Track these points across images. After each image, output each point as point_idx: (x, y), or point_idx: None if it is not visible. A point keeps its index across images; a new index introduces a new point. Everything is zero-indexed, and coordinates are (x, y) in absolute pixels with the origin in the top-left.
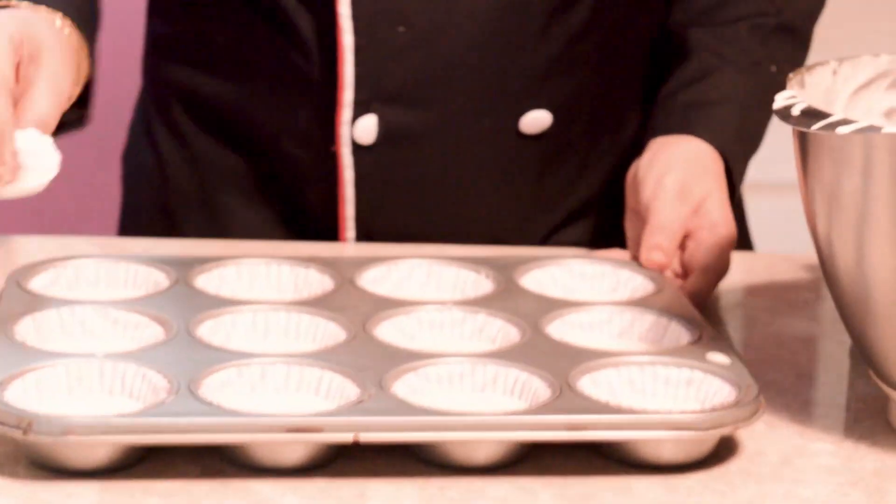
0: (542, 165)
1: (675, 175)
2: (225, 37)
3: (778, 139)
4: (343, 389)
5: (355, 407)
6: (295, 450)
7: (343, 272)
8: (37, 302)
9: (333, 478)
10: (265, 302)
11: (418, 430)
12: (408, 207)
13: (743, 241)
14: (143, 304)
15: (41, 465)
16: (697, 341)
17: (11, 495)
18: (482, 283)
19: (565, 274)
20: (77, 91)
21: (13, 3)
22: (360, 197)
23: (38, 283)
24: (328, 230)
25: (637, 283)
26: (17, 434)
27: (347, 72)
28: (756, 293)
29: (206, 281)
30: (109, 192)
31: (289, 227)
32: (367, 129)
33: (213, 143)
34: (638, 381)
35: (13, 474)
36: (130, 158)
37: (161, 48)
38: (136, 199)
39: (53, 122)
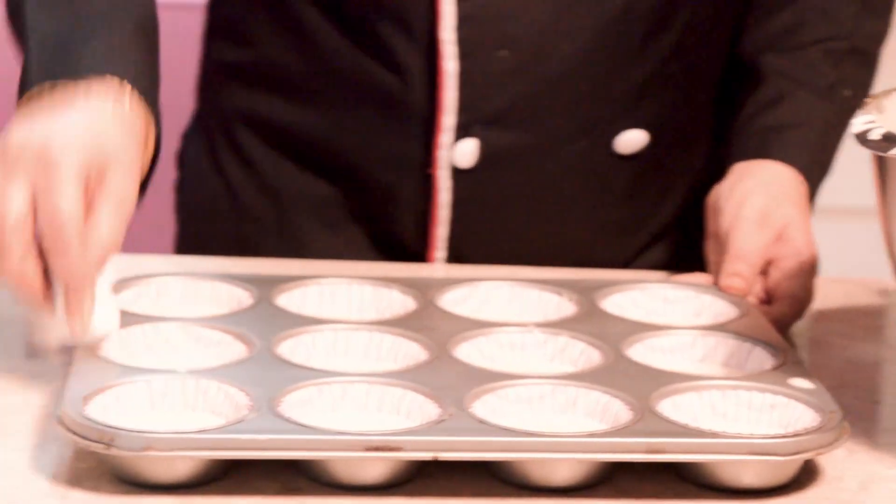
0: (632, 186)
1: (755, 201)
2: (309, 62)
3: (847, 163)
4: (423, 409)
5: (435, 426)
6: (374, 467)
7: (425, 293)
8: (121, 318)
9: (411, 497)
10: (346, 321)
11: (497, 450)
12: (500, 227)
13: None
14: (226, 322)
15: (122, 479)
16: (780, 366)
17: (94, 501)
18: (564, 306)
19: (647, 298)
20: (145, 169)
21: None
22: (454, 218)
23: (120, 301)
24: (417, 253)
25: (720, 308)
26: (100, 448)
27: (449, 97)
28: (830, 318)
29: (288, 300)
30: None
31: (375, 250)
32: (467, 152)
33: (293, 170)
34: (720, 406)
35: (95, 488)
36: (189, 188)
37: (228, 74)
38: (201, 230)
39: (117, 245)
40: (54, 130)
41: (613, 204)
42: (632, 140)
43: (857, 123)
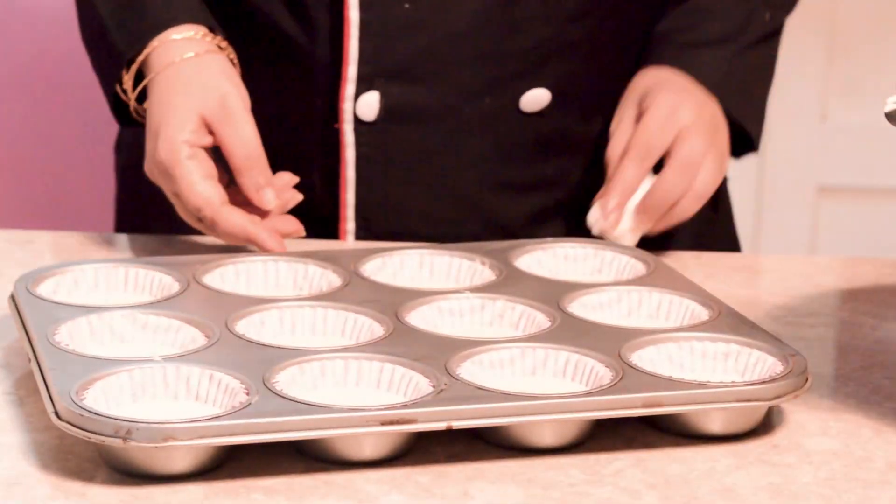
0: (535, 145)
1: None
2: (217, 13)
3: (875, 143)
4: (407, 380)
5: (439, 397)
6: (378, 441)
7: (343, 266)
8: (61, 310)
9: (437, 477)
10: (289, 298)
11: (507, 415)
12: (405, 186)
13: (731, 241)
14: (169, 307)
15: (127, 471)
16: (718, 316)
17: (115, 493)
18: (479, 270)
19: (550, 258)
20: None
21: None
22: (360, 177)
23: (43, 291)
24: (330, 215)
25: (622, 264)
26: (117, 443)
27: (352, 47)
28: (859, 298)
29: (210, 281)
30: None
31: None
32: (369, 105)
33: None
34: (676, 357)
35: (109, 476)
36: (125, 145)
37: None
38: (140, 189)
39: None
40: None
41: (517, 162)
42: (536, 98)
43: (890, 102)
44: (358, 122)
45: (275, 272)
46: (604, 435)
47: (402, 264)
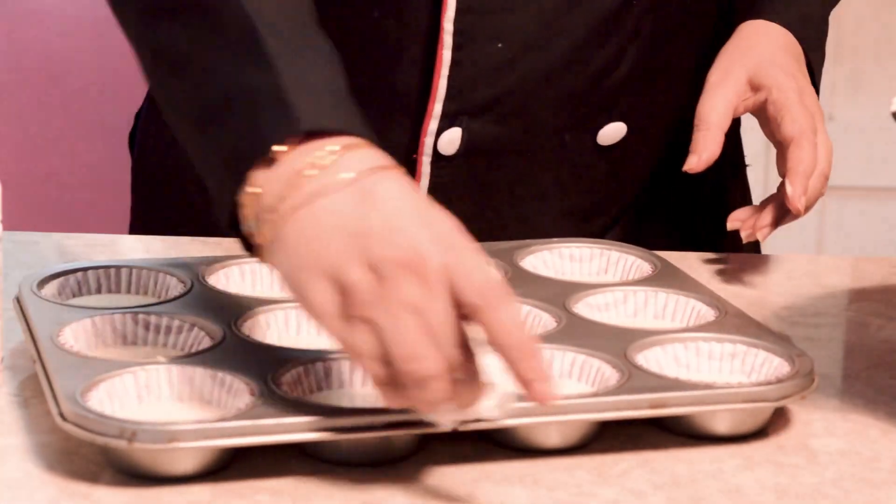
0: (607, 175)
1: (718, 63)
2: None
3: (880, 144)
4: None
5: None
6: (381, 442)
7: None
8: (66, 311)
9: (442, 479)
10: (294, 299)
11: (515, 416)
12: (474, 214)
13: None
14: (173, 309)
15: (132, 472)
16: (723, 316)
17: (120, 495)
18: None
19: (556, 258)
20: None
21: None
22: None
23: (48, 293)
24: None
25: (628, 264)
26: (122, 444)
27: (441, 85)
28: (866, 298)
29: (215, 282)
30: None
31: None
32: (451, 141)
33: None
34: (682, 357)
35: (114, 477)
36: (145, 165)
37: None
38: (155, 205)
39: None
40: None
41: (587, 191)
42: (613, 132)
43: (895, 103)
44: (437, 155)
45: None
46: (610, 436)
47: None
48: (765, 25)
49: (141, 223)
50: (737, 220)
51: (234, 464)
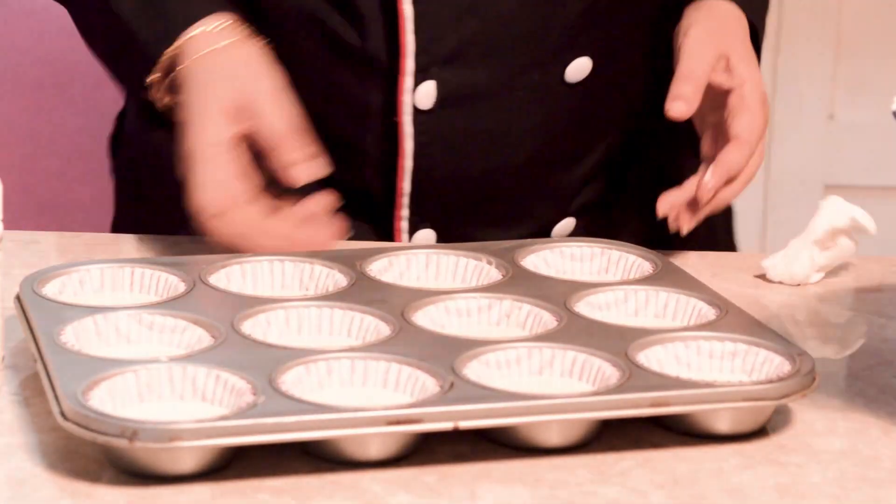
0: (578, 114)
1: (697, 28)
2: (264, 18)
3: (880, 143)
4: (414, 380)
5: (446, 396)
6: (384, 441)
7: (349, 266)
8: (67, 310)
9: (443, 477)
10: (295, 298)
11: (513, 415)
12: (460, 168)
13: (728, 242)
14: (175, 307)
15: (132, 471)
16: (724, 315)
17: (121, 494)
18: (485, 270)
19: (557, 257)
20: None
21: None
22: (417, 166)
23: (49, 292)
24: (383, 204)
25: (629, 263)
26: (122, 443)
27: (409, 41)
28: (867, 297)
29: (216, 281)
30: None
31: (344, 209)
32: (427, 93)
33: None
34: (683, 356)
35: (115, 476)
36: (127, 151)
37: None
38: (134, 189)
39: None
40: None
41: (562, 133)
42: (579, 68)
43: None
44: (416, 111)
45: (281, 272)
46: (611, 435)
47: (409, 264)
48: (723, 6)
49: (124, 224)
50: (668, 204)
51: (234, 463)
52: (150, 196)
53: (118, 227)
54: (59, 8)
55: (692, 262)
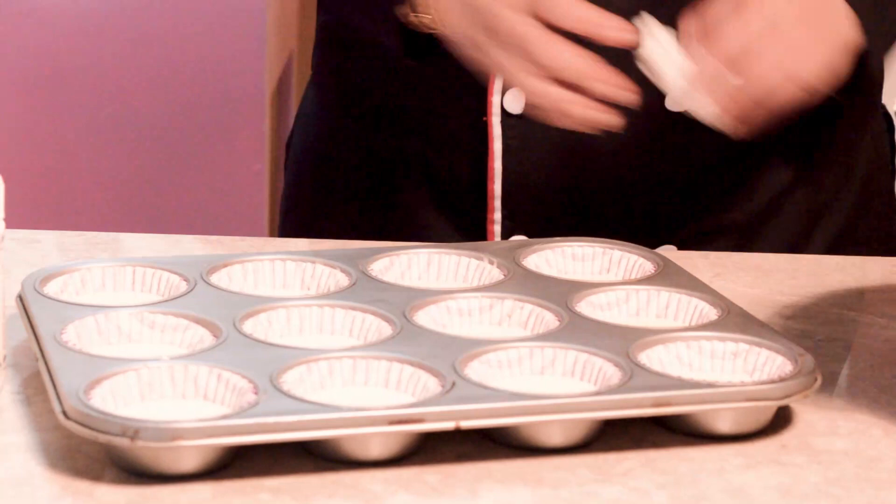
0: (680, 139)
1: None
2: (377, 27)
3: None
4: (415, 380)
5: (448, 396)
6: (386, 440)
7: (351, 265)
8: (69, 309)
9: (445, 477)
10: (297, 298)
11: (515, 414)
12: (548, 175)
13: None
14: (176, 307)
15: (133, 471)
16: (726, 315)
17: (123, 493)
18: (487, 270)
19: (558, 257)
20: None
21: None
22: (506, 169)
23: (51, 291)
24: (475, 207)
25: (631, 263)
26: (124, 442)
27: None
28: (871, 297)
29: (217, 281)
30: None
31: (439, 205)
32: (516, 98)
33: (371, 128)
34: (685, 356)
35: (116, 475)
36: (300, 138)
37: (323, 39)
38: (304, 178)
39: None
40: None
41: (660, 156)
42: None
43: None
44: (505, 114)
45: (282, 271)
46: (612, 435)
47: (410, 264)
48: None
49: (290, 224)
50: None
51: (236, 462)
52: (316, 197)
53: (285, 226)
54: (62, 7)
55: (694, 261)
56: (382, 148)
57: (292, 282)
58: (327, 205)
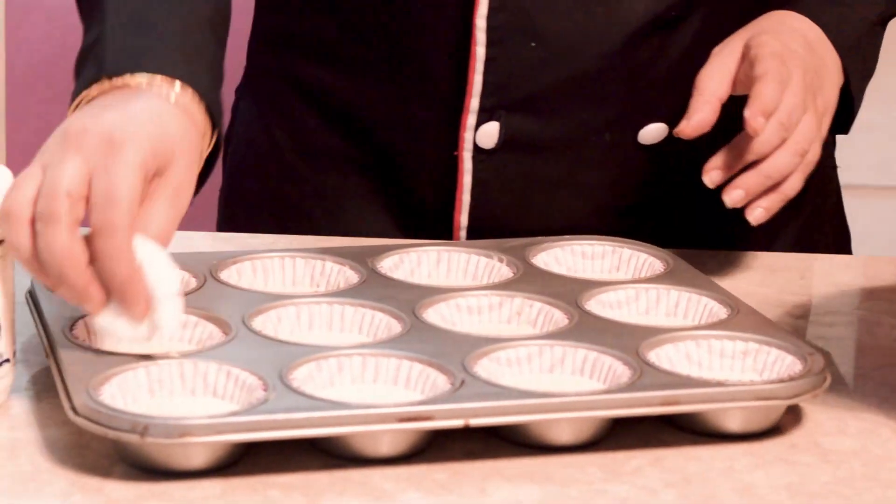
0: (653, 176)
1: (734, 38)
2: (344, 34)
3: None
4: (425, 378)
5: (457, 394)
6: (395, 438)
7: (360, 263)
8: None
9: (454, 474)
10: (306, 295)
11: (524, 412)
12: (519, 211)
13: (843, 244)
14: (186, 303)
15: (143, 467)
16: (736, 314)
17: (132, 489)
18: (496, 268)
19: (568, 255)
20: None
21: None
22: (474, 203)
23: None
24: (441, 235)
25: (640, 262)
26: (133, 438)
27: (476, 80)
28: (879, 297)
29: (227, 277)
30: None
31: (405, 229)
32: (489, 134)
33: (330, 133)
34: (695, 355)
35: (125, 471)
36: (237, 142)
37: (270, 38)
38: (245, 184)
39: (169, 237)
40: (120, 118)
41: (631, 190)
42: (654, 131)
43: None
44: (477, 149)
45: (292, 269)
46: (622, 433)
47: (420, 261)
48: (794, 17)
49: (227, 218)
50: (717, 165)
51: (245, 458)
52: (255, 194)
53: (223, 222)
54: (68, 5)
55: (704, 260)
56: (343, 152)
57: (302, 279)
58: (262, 203)
